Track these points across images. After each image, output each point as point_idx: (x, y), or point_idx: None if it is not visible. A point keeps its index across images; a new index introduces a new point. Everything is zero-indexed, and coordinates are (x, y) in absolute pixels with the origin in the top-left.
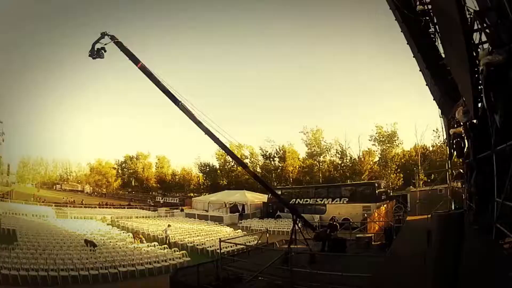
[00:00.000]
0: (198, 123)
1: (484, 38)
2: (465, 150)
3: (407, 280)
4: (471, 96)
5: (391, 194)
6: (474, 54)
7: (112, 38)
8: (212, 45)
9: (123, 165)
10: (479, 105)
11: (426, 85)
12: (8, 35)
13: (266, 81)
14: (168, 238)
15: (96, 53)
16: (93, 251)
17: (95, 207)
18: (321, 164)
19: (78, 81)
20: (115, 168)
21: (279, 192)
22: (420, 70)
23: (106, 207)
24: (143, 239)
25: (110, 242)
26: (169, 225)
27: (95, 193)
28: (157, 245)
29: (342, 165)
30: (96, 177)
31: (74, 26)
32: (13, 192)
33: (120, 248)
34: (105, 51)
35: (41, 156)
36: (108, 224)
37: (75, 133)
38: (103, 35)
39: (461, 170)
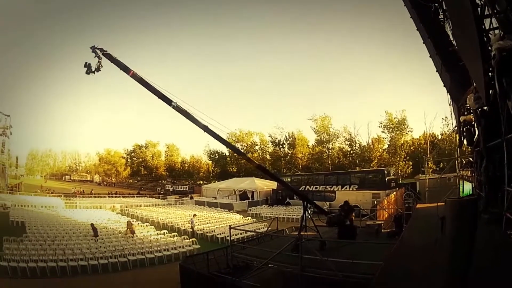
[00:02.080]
0: (195, 121)
1: (495, 24)
2: (475, 138)
3: (419, 267)
4: (483, 82)
5: (400, 181)
6: (486, 40)
7: (101, 50)
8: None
9: (132, 154)
10: (491, 91)
11: (437, 71)
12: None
13: (275, 69)
14: (193, 227)
15: (93, 70)
16: (95, 240)
17: (105, 197)
18: (330, 151)
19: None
20: (124, 157)
21: (288, 179)
22: (430, 56)
23: (116, 196)
24: (134, 230)
25: (120, 231)
26: (194, 215)
27: (105, 182)
28: (166, 233)
29: (351, 152)
30: (105, 166)
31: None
32: (21, 184)
33: (136, 236)
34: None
35: (50, 147)
36: (117, 213)
37: (84, 124)
38: (93, 49)
39: (471, 159)
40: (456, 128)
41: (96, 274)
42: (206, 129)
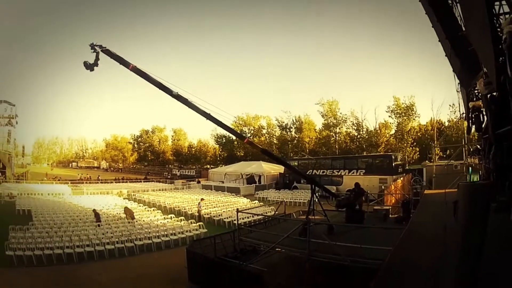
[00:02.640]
0: (196, 109)
1: (506, 9)
2: (483, 124)
3: (429, 254)
4: (493, 67)
5: (407, 167)
6: (496, 24)
7: (100, 47)
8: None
9: (139, 139)
10: (502, 77)
11: (446, 56)
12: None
13: (284, 54)
14: (200, 212)
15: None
16: (98, 226)
17: (111, 182)
18: (337, 135)
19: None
20: (131, 143)
21: (295, 163)
22: (439, 41)
23: (123, 182)
24: (133, 215)
25: (120, 216)
26: (202, 199)
27: (111, 168)
28: (173, 217)
29: (359, 137)
30: (112, 152)
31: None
32: (28, 173)
33: (136, 221)
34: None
35: (57, 135)
36: (124, 198)
37: (91, 111)
38: (92, 46)
39: (478, 146)
40: (464, 114)
41: (103, 260)
42: (209, 116)
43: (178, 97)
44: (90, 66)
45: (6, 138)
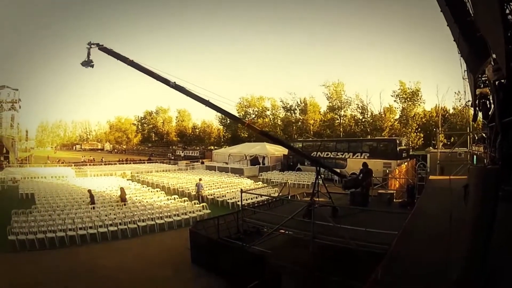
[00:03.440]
0: (195, 97)
1: None
2: (490, 112)
3: (436, 238)
4: (503, 52)
5: (411, 153)
6: (507, 9)
7: (97, 45)
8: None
9: (143, 120)
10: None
11: (454, 40)
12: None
13: (289, 36)
14: (200, 192)
15: (87, 62)
16: (92, 208)
17: (115, 164)
18: (342, 118)
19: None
20: (135, 124)
21: (300, 145)
22: (448, 25)
23: (126, 163)
24: (125, 197)
25: (129, 197)
26: (200, 179)
27: (115, 150)
28: (177, 198)
29: (363, 120)
30: (116, 134)
31: None
32: (31, 157)
33: (139, 202)
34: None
35: (60, 118)
36: (128, 180)
37: (96, 93)
38: (90, 45)
39: (484, 134)
40: (471, 101)
41: (106, 241)
42: (208, 103)
43: (176, 87)
44: (86, 63)
45: (9, 123)
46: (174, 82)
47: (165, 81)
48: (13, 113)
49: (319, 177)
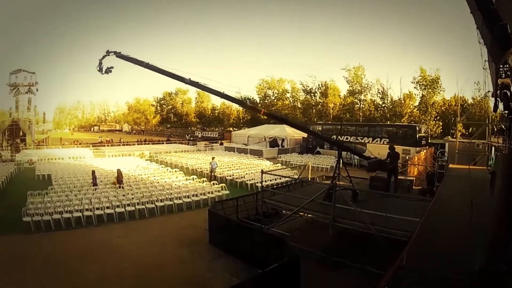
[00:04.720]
0: (209, 90)
1: None
2: (511, 103)
3: (458, 225)
4: None
5: (429, 141)
6: None
7: (115, 53)
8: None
9: (162, 101)
10: None
11: (477, 28)
12: None
13: (308, 20)
14: (213, 171)
15: (105, 71)
16: (94, 190)
17: (133, 145)
18: (361, 102)
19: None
20: (153, 105)
21: (319, 128)
22: (471, 12)
23: (145, 144)
24: (122, 179)
25: (148, 177)
26: (213, 158)
27: (134, 131)
28: (195, 179)
29: (383, 105)
30: (134, 115)
31: None
32: (48, 138)
33: (158, 182)
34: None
35: (78, 100)
36: (146, 160)
37: (112, 75)
38: (108, 53)
39: (503, 126)
40: (491, 92)
41: (123, 221)
42: (223, 95)
43: (191, 83)
44: (101, 70)
45: (26, 106)
46: (189, 79)
47: (181, 79)
48: (30, 96)
49: (340, 160)
